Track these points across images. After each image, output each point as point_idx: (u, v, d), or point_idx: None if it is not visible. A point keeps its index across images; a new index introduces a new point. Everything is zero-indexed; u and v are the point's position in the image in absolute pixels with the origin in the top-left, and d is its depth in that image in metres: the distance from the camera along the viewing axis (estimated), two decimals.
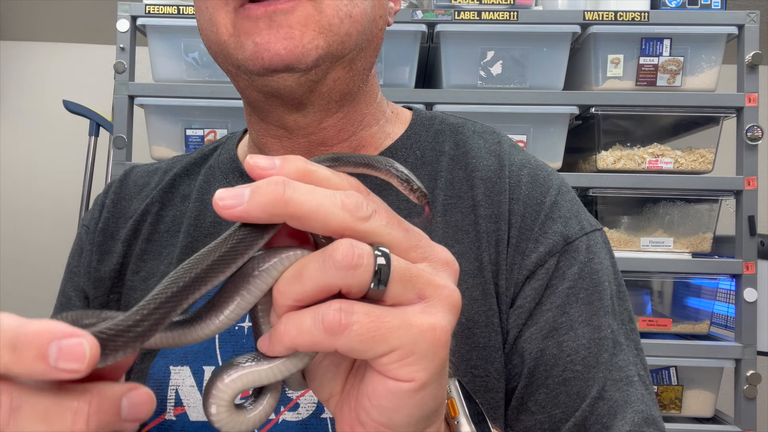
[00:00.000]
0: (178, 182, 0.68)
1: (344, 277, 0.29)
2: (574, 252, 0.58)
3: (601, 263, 0.59)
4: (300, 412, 0.54)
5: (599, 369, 0.54)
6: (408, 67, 1.54)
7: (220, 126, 1.58)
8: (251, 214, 0.30)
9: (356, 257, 0.29)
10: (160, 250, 0.64)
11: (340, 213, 0.30)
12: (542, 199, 0.60)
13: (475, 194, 0.60)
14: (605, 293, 0.58)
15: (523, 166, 0.62)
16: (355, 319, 0.29)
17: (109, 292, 0.64)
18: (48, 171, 2.54)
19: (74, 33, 2.50)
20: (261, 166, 0.31)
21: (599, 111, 1.53)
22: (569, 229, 0.59)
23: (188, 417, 0.55)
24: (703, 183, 1.51)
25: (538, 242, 0.58)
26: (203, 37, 0.59)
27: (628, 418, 0.52)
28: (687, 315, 1.65)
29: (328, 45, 0.53)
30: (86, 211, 2.13)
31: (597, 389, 0.53)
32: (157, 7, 1.53)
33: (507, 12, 1.51)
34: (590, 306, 0.56)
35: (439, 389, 0.32)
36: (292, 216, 0.30)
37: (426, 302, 0.31)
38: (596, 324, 0.56)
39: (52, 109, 2.42)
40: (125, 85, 1.54)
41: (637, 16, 1.52)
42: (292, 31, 0.52)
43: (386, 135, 0.65)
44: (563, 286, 0.56)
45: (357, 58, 0.57)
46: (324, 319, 0.29)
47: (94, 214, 0.69)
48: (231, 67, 0.57)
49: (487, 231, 0.58)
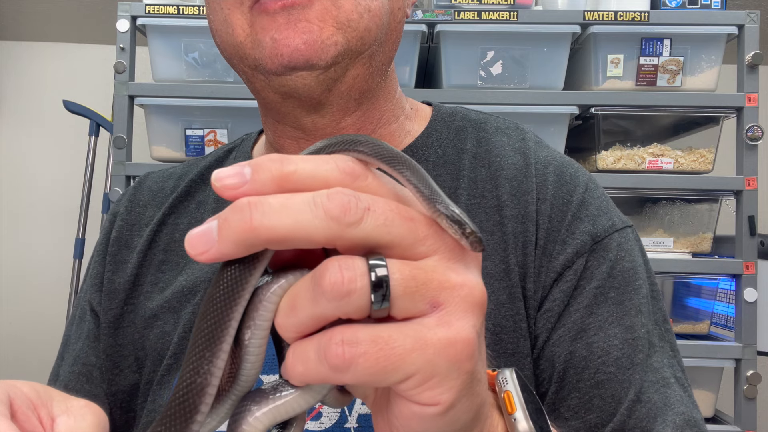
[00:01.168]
0: (194, 189, 0.66)
1: (338, 307, 0.26)
2: (603, 251, 0.55)
3: (632, 261, 0.56)
4: (323, 421, 0.52)
5: (635, 370, 0.52)
6: (408, 67, 1.54)
7: (220, 126, 1.57)
8: (226, 254, 0.26)
9: (346, 283, 0.25)
10: (177, 260, 0.62)
11: (323, 224, 0.26)
12: (569, 198, 0.57)
13: (500, 194, 0.58)
14: (638, 292, 0.55)
15: (548, 163, 0.60)
16: (361, 351, 0.25)
17: (123, 303, 0.62)
18: (48, 171, 2.54)
19: (74, 33, 2.50)
20: (229, 185, 0.27)
21: (599, 111, 1.53)
22: (597, 227, 0.56)
23: None
24: (703, 183, 1.51)
25: (565, 243, 0.55)
26: (217, 39, 0.57)
27: (669, 420, 0.50)
28: (687, 315, 1.65)
29: (348, 41, 0.52)
30: (86, 211, 2.10)
31: (634, 392, 0.51)
32: (157, 7, 1.53)
33: (507, 12, 1.51)
34: (621, 306, 0.54)
35: (470, 401, 0.29)
36: (269, 243, 0.26)
37: (441, 310, 0.27)
38: (628, 324, 0.53)
39: (52, 109, 2.42)
40: (125, 85, 1.54)
41: (637, 16, 1.52)
42: (311, 25, 0.50)
43: (406, 132, 0.63)
44: (591, 286, 0.54)
45: (376, 53, 0.56)
46: (327, 355, 0.26)
47: (108, 225, 0.67)
48: (247, 68, 0.55)
49: (514, 232, 0.56)
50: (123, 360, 0.62)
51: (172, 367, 0.57)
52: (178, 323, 0.58)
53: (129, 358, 0.61)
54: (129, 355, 0.61)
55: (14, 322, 2.40)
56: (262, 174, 0.27)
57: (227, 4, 0.53)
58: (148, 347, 0.60)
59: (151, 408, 0.57)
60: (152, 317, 0.60)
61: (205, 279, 0.59)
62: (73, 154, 2.42)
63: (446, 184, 0.59)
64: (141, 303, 0.62)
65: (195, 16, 1.52)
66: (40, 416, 0.32)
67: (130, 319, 0.62)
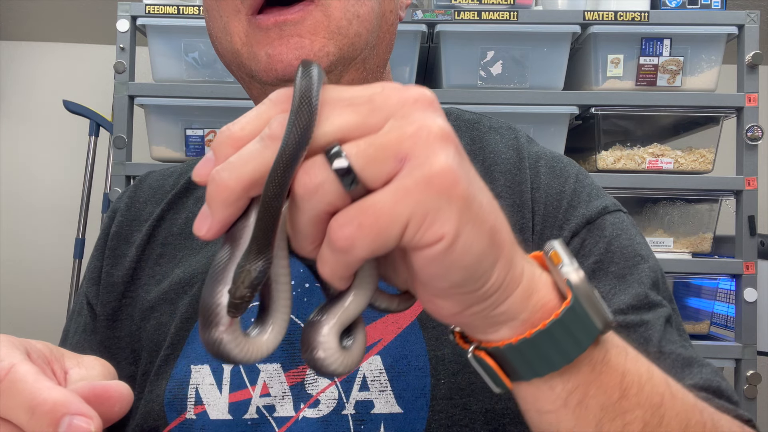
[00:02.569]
0: (192, 186, 0.68)
1: (320, 203, 0.29)
2: (598, 230, 0.57)
3: (630, 239, 0.57)
4: (320, 408, 0.53)
5: (652, 329, 0.51)
6: (408, 67, 1.54)
7: (220, 126, 1.57)
8: (222, 218, 0.30)
9: (312, 179, 0.28)
10: (174, 253, 0.64)
11: (272, 153, 0.29)
12: (562, 188, 0.60)
13: (495, 186, 0.59)
14: (641, 267, 0.55)
15: (539, 157, 0.62)
16: (355, 225, 0.28)
17: (121, 296, 0.64)
18: (48, 171, 2.54)
19: (74, 33, 2.50)
20: (204, 173, 0.31)
21: (599, 111, 1.53)
22: (590, 209, 0.58)
23: (208, 416, 0.54)
24: (703, 183, 1.51)
25: (562, 228, 0.57)
26: (216, 45, 0.59)
27: (696, 370, 0.50)
28: (687, 315, 1.65)
29: (339, 50, 0.54)
30: (86, 211, 2.10)
31: (655, 347, 0.51)
32: (157, 7, 1.53)
33: (507, 12, 1.51)
34: (623, 279, 0.54)
35: (477, 228, 0.29)
36: (247, 190, 0.29)
37: (410, 159, 0.28)
38: (634, 293, 0.53)
39: (52, 109, 2.42)
40: (125, 85, 1.54)
41: (637, 16, 1.52)
42: (303, 40, 0.52)
43: None
44: (589, 261, 0.55)
45: (369, 56, 0.57)
46: (334, 244, 0.28)
47: (108, 221, 0.69)
48: (245, 76, 0.58)
49: (511, 221, 0.57)
50: (120, 352, 0.62)
51: (169, 357, 0.57)
52: (175, 314, 0.59)
53: (126, 350, 0.62)
54: (126, 347, 0.62)
55: (14, 322, 2.40)
56: (220, 148, 0.31)
57: (226, 12, 0.55)
58: (145, 339, 0.60)
59: (149, 399, 0.57)
60: (149, 309, 0.61)
61: (202, 271, 0.61)
62: (73, 154, 2.42)
63: None
64: (139, 296, 0.63)
65: (195, 16, 1.52)
66: (54, 369, 0.34)
67: (128, 312, 0.63)
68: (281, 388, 0.54)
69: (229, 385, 0.55)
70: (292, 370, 0.55)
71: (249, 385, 0.55)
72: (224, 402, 0.54)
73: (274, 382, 0.54)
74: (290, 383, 0.54)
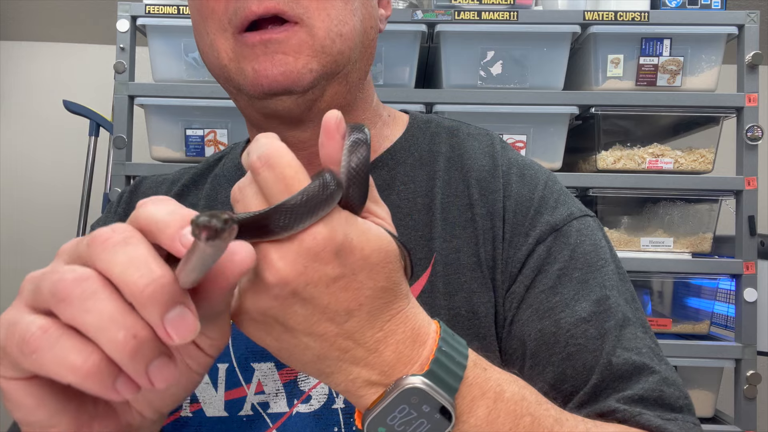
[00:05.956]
0: (186, 192, 0.70)
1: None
2: (564, 237, 0.59)
3: (594, 244, 0.60)
4: (312, 403, 0.56)
5: (605, 340, 0.54)
6: (408, 67, 1.54)
7: (220, 126, 1.58)
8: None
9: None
10: None
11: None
12: (531, 195, 0.62)
13: (471, 193, 0.62)
14: (602, 271, 0.58)
15: (512, 164, 0.65)
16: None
17: None
18: (48, 171, 2.54)
19: (74, 33, 2.50)
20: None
21: (599, 111, 1.53)
22: (556, 217, 0.60)
23: (204, 413, 0.57)
24: (703, 183, 1.51)
25: (528, 236, 0.59)
26: (205, 60, 0.61)
27: (643, 380, 0.52)
28: (687, 315, 1.65)
29: (322, 67, 0.56)
30: (86, 212, 2.09)
31: (606, 359, 0.53)
32: (157, 7, 1.53)
33: (507, 12, 1.51)
34: (586, 284, 0.57)
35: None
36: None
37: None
38: (595, 299, 0.56)
39: (52, 109, 2.42)
40: (125, 85, 1.54)
41: (637, 16, 1.52)
42: (287, 57, 0.55)
43: (384, 137, 0.67)
44: (554, 269, 0.57)
45: (352, 71, 0.60)
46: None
47: (106, 224, 0.69)
48: (232, 89, 0.60)
49: (483, 228, 0.60)
50: None
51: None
52: None
53: None
54: None
55: None
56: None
57: (212, 30, 0.57)
58: None
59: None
60: None
61: None
62: (73, 154, 2.43)
63: (423, 184, 0.63)
64: None
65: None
66: None
67: None
68: (275, 386, 0.57)
69: (224, 383, 0.57)
70: (285, 368, 0.57)
71: (244, 383, 0.57)
72: (220, 400, 0.57)
73: (268, 380, 0.57)
74: (283, 381, 0.57)
